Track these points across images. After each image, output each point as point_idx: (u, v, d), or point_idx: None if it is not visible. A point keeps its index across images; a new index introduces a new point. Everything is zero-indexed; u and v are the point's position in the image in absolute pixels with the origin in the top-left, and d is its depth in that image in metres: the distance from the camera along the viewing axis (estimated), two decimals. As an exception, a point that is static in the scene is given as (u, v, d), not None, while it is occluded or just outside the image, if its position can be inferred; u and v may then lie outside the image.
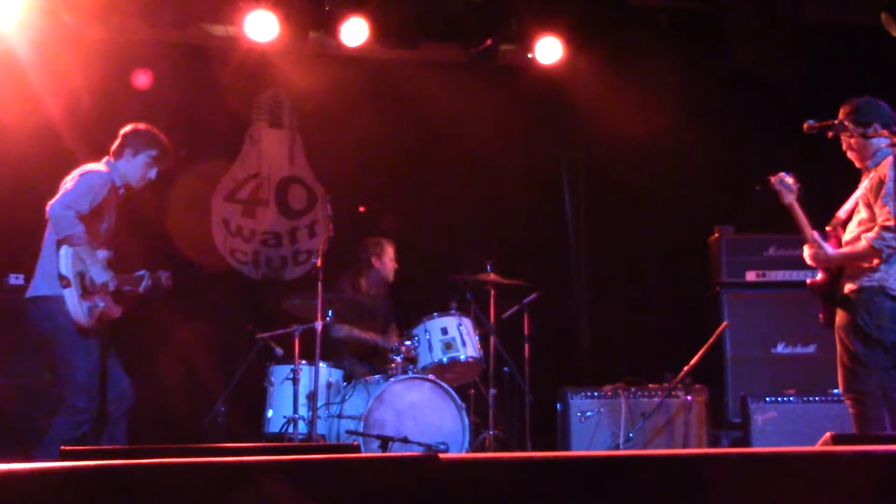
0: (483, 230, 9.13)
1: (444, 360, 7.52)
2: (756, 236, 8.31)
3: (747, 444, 7.48)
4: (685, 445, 7.46)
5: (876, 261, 5.66)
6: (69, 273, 5.87)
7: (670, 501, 3.03)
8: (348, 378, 7.65)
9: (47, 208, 5.92)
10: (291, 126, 9.55)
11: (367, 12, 8.10)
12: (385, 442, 6.90)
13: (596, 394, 7.71)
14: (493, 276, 7.88)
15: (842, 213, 5.99)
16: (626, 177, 9.16)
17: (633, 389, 7.67)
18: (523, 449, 7.83)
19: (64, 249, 5.88)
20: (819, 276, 5.95)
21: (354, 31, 8.14)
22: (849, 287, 5.76)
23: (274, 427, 7.38)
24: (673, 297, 9.08)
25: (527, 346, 8.00)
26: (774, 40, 8.29)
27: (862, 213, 5.82)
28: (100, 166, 6.19)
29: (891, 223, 5.59)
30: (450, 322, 7.64)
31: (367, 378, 7.48)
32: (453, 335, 7.58)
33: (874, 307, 5.67)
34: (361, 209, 7.86)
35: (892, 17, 7.85)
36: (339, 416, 7.28)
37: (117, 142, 6.29)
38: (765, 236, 8.27)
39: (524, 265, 8.24)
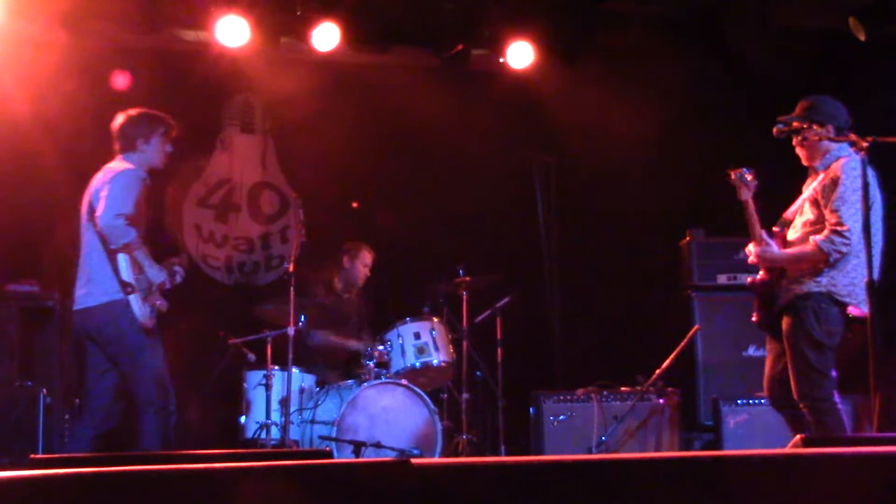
0: (455, 234, 9.14)
1: (417, 364, 7.53)
2: (727, 239, 8.34)
3: (719, 446, 7.52)
4: (657, 448, 7.49)
5: (821, 265, 5.64)
6: (131, 279, 5.93)
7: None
8: (321, 383, 7.64)
9: (97, 219, 5.92)
10: (263, 131, 9.53)
11: (339, 17, 8.09)
12: (358, 447, 6.91)
13: (568, 397, 7.73)
14: (465, 280, 7.89)
15: (788, 213, 5.96)
16: (597, 181, 9.19)
17: (605, 393, 7.70)
18: (497, 453, 7.84)
19: (121, 257, 5.92)
20: (760, 275, 5.94)
21: (326, 36, 8.13)
22: (795, 292, 5.73)
23: (247, 433, 7.37)
24: (644, 300, 9.11)
25: (499, 350, 8.01)
26: (747, 43, 8.34)
27: (808, 214, 5.79)
28: (125, 164, 6.16)
29: (841, 228, 5.56)
30: (423, 327, 7.65)
31: (340, 383, 7.48)
32: (426, 340, 7.59)
33: (822, 314, 5.66)
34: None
35: (860, 21, 7.91)
36: (312, 422, 7.28)
37: (121, 137, 6.26)
38: (736, 239, 8.27)
39: (496, 269, 8.25)
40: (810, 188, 5.82)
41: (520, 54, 8.52)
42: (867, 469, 3.18)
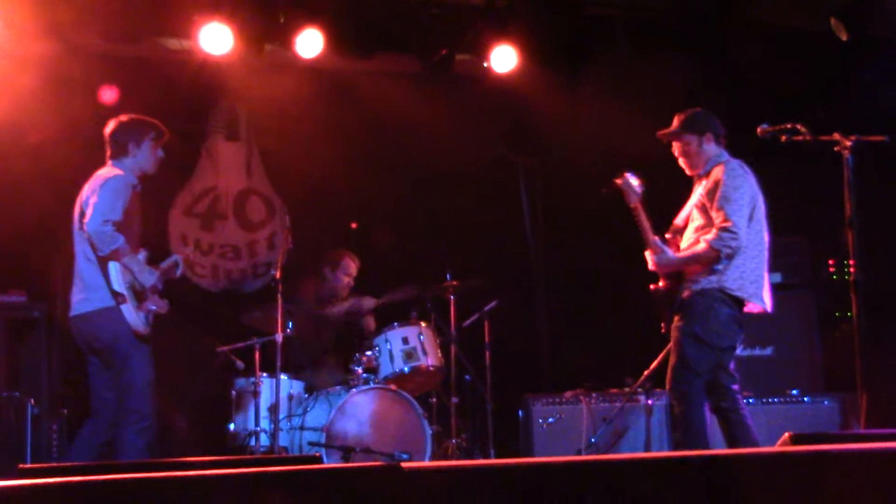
0: (442, 239, 9.14)
1: (406, 369, 7.53)
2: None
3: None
4: (647, 449, 7.51)
5: (714, 263, 5.84)
6: (122, 288, 5.95)
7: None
8: (310, 390, 7.63)
9: (85, 226, 5.92)
10: (248, 138, 9.52)
11: (323, 23, 8.08)
12: (347, 452, 6.91)
13: (557, 400, 7.74)
14: (453, 284, 7.90)
15: (679, 220, 6.23)
16: (583, 183, 9.17)
17: (594, 395, 7.71)
18: (486, 456, 7.84)
19: (111, 265, 5.92)
20: (661, 283, 6.12)
21: (310, 43, 8.13)
22: (688, 291, 5.95)
23: (236, 440, 7.35)
24: (632, 301, 9.12)
25: (488, 353, 8.02)
26: (730, 45, 8.37)
27: (697, 220, 6.05)
28: (115, 170, 6.17)
29: (727, 224, 5.79)
30: (410, 331, 7.64)
31: (329, 389, 7.47)
32: (414, 344, 7.59)
33: (712, 312, 5.87)
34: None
35: (842, 21, 7.95)
36: (301, 428, 7.27)
37: (112, 142, 6.28)
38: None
39: (483, 273, 8.25)
40: (696, 195, 6.10)
41: (504, 59, 8.53)
42: (855, 466, 3.19)
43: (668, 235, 6.24)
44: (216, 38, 7.92)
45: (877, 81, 8.21)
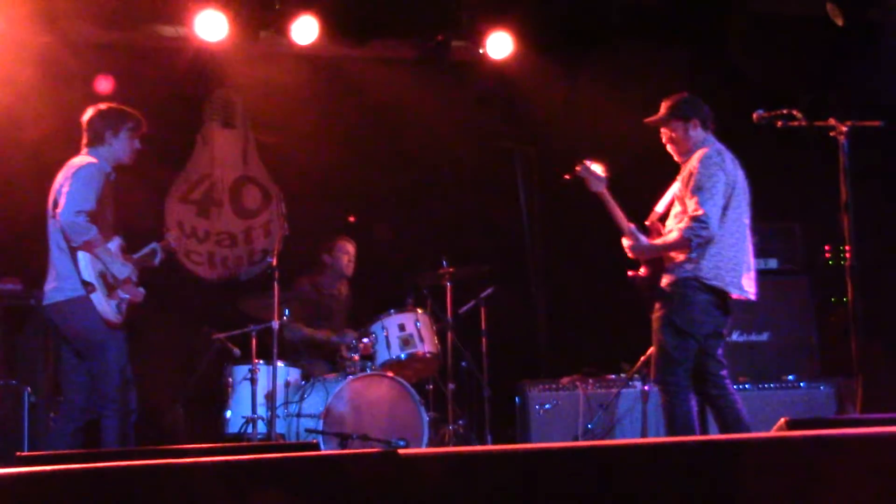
0: (438, 225, 9.14)
1: (403, 356, 7.53)
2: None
3: (704, 431, 7.55)
4: (643, 435, 7.52)
5: (688, 251, 5.85)
6: (91, 277, 5.91)
7: (628, 490, 3.06)
8: (307, 377, 7.63)
9: (58, 215, 5.90)
10: (244, 126, 9.50)
11: (318, 10, 8.08)
12: (344, 439, 6.91)
13: (554, 386, 7.75)
14: (449, 271, 7.89)
15: (659, 207, 6.23)
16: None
17: (590, 381, 7.72)
18: (483, 443, 7.85)
19: (81, 255, 5.89)
20: (642, 270, 6.15)
21: (305, 30, 8.12)
22: (666, 280, 5.97)
23: (233, 428, 7.35)
24: (628, 288, 9.12)
25: (484, 340, 8.02)
26: (727, 31, 8.37)
27: (677, 207, 6.05)
28: (88, 158, 6.13)
29: (699, 213, 5.78)
30: (407, 318, 7.64)
31: (326, 376, 7.47)
32: (411, 331, 7.59)
33: (688, 300, 5.87)
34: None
35: (838, 7, 7.94)
36: (299, 415, 7.27)
37: (89, 130, 6.23)
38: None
39: (480, 259, 8.25)
40: (678, 182, 6.09)
41: (499, 45, 8.53)
42: (851, 451, 3.20)
43: (647, 223, 6.23)
44: (211, 25, 7.91)
45: (872, 66, 8.21)
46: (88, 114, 6.27)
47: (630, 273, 6.20)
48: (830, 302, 8.32)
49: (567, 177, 6.23)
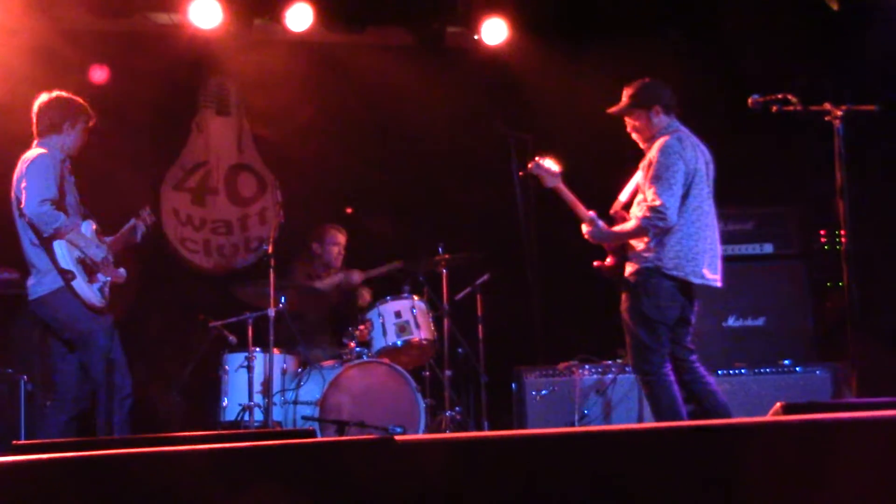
0: (434, 212, 9.13)
1: (399, 343, 7.54)
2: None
3: (702, 416, 7.55)
4: (640, 420, 7.53)
5: (646, 239, 5.88)
6: (70, 265, 5.91)
7: (624, 476, 3.07)
8: (303, 364, 7.64)
9: (23, 211, 5.88)
10: (239, 113, 9.48)
11: (312, -3, 8.06)
12: (341, 426, 6.92)
13: (550, 372, 7.75)
14: (445, 258, 7.89)
15: (623, 196, 6.24)
16: (574, 156, 9.14)
17: (586, 366, 7.72)
18: (480, 429, 7.86)
19: (57, 244, 5.88)
20: (608, 260, 6.19)
21: (299, 16, 8.11)
22: (629, 270, 5.99)
23: (229, 415, 7.36)
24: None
25: (480, 326, 8.02)
26: (723, 15, 8.35)
27: (640, 196, 6.04)
28: (38, 150, 6.08)
29: (657, 203, 5.80)
30: (403, 305, 7.65)
31: (323, 363, 7.48)
32: (407, 318, 7.59)
33: (651, 288, 5.89)
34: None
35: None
36: (295, 403, 7.28)
37: (45, 118, 6.15)
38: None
39: (476, 246, 8.25)
40: (640, 171, 6.09)
41: (494, 31, 8.52)
42: (847, 435, 3.21)
43: (611, 212, 6.25)
44: (205, 12, 7.90)
45: (868, 50, 8.20)
46: (45, 99, 6.19)
47: (596, 263, 6.22)
48: (826, 286, 8.31)
49: (521, 174, 6.25)
